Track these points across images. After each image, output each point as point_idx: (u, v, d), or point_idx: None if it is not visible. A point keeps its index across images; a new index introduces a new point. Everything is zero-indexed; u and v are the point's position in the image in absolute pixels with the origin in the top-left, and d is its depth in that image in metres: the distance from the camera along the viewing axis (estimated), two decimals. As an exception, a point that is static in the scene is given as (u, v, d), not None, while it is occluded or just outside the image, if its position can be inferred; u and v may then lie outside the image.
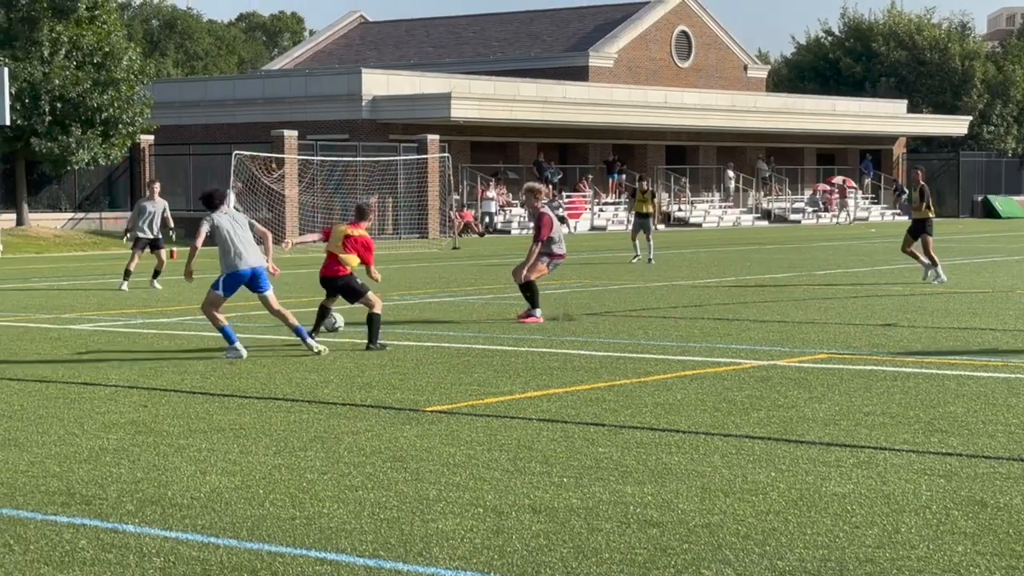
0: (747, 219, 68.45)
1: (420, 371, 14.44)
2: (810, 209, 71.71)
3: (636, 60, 70.49)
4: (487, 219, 57.09)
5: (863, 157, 76.77)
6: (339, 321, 18.37)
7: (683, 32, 73.05)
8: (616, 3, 73.94)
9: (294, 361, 15.35)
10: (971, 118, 79.24)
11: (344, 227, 17.28)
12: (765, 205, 70.59)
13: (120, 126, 47.33)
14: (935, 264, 26.64)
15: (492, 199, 57.63)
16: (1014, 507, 8.25)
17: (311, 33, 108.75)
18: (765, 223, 68.69)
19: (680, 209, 66.41)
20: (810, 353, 15.64)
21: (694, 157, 69.26)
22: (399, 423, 11.33)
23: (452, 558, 7.29)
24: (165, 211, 27.75)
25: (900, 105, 77.29)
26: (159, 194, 28.07)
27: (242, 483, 9.09)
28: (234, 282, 15.93)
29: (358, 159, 49.90)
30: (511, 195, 58.33)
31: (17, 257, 41.81)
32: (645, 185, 38.08)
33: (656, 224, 44.40)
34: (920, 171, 28.51)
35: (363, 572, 7.09)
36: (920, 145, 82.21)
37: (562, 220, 58.67)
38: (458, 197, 55.52)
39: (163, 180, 29.94)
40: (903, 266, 28.81)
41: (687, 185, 67.08)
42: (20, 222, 48.09)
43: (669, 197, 66.28)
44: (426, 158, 52.40)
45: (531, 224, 57.00)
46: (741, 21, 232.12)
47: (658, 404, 12.13)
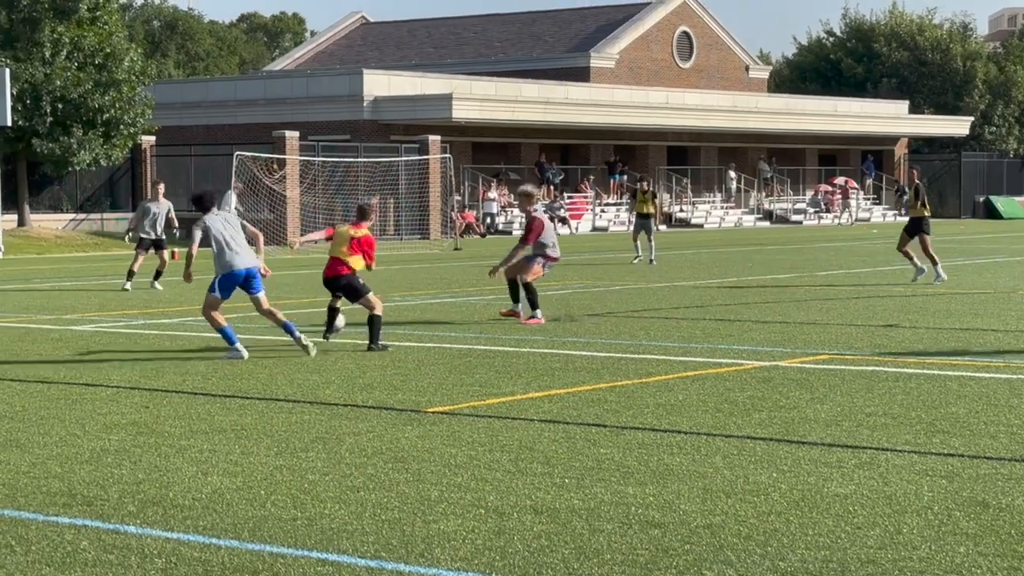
0: (749, 220, 68.44)
1: (422, 372, 14.44)
2: (812, 210, 71.69)
3: (637, 61, 70.48)
4: (488, 220, 57.11)
5: (865, 158, 76.78)
6: (340, 321, 18.37)
7: (684, 33, 73.05)
8: (617, 4, 73.95)
9: (295, 362, 15.35)
10: (973, 119, 79.22)
11: (348, 228, 17.28)
12: (767, 206, 70.59)
13: (121, 127, 47.33)
14: (935, 263, 26.64)
15: (494, 200, 57.64)
16: (1016, 508, 8.25)
17: (312, 34, 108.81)
18: (767, 224, 68.69)
19: (682, 210, 66.40)
20: (812, 354, 15.64)
21: (695, 158, 69.25)
22: (401, 424, 11.33)
23: (454, 559, 7.29)
24: (170, 212, 27.77)
25: (902, 106, 77.28)
26: (163, 195, 28.09)
27: (244, 484, 9.09)
28: (229, 283, 15.95)
29: (359, 160, 49.90)
30: (512, 196, 58.32)
31: (18, 258, 41.82)
32: (646, 185, 38.04)
33: (658, 225, 44.38)
34: (916, 170, 28.50)
35: (365, 573, 7.09)
36: (922, 146, 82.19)
37: (563, 221, 58.72)
38: (459, 198, 55.54)
39: (164, 181, 29.89)
40: (905, 267, 28.78)
41: (688, 186, 67.07)
42: (21, 223, 48.08)
43: (671, 198, 66.28)
44: (427, 159, 52.40)
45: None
46: (742, 22, 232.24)
47: (660, 405, 12.13)
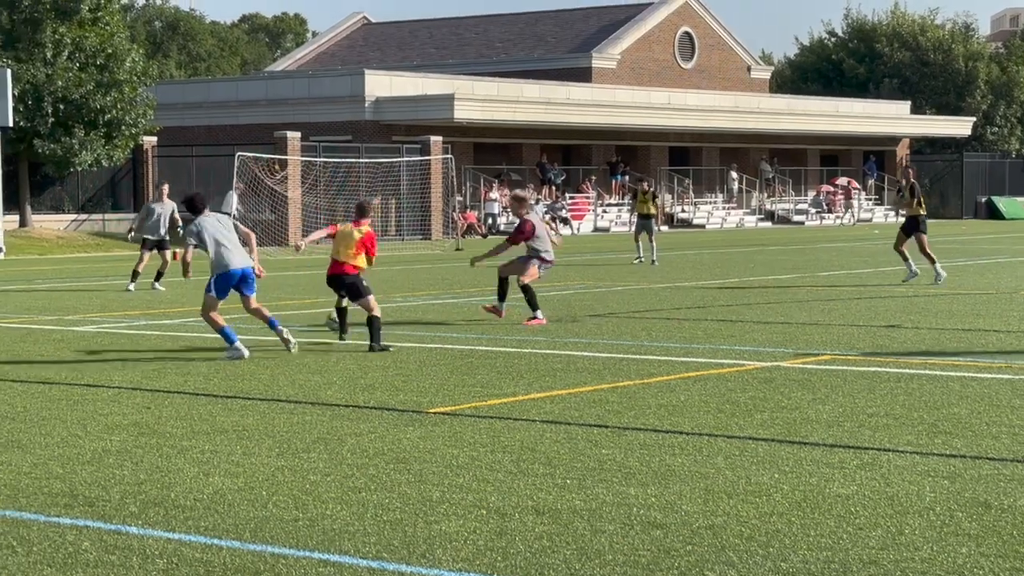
0: (750, 220, 68.44)
1: (423, 373, 14.43)
2: (813, 210, 71.68)
3: (639, 61, 70.47)
4: (490, 220, 57.09)
5: (867, 158, 76.77)
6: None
7: (686, 33, 73.04)
8: (619, 4, 73.96)
9: (297, 363, 15.35)
10: (975, 119, 79.21)
11: (350, 227, 17.30)
12: (768, 206, 70.59)
13: (123, 128, 47.33)
14: (933, 262, 26.60)
15: (495, 200, 57.62)
16: (1018, 509, 8.24)
17: (314, 34, 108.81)
18: (768, 224, 68.69)
19: (683, 210, 66.39)
20: (814, 354, 15.63)
21: (697, 158, 69.25)
22: (402, 425, 11.32)
23: (455, 560, 7.28)
24: (174, 212, 27.77)
25: (904, 106, 77.27)
26: (168, 196, 28.10)
27: (245, 485, 9.09)
28: (225, 283, 15.99)
29: (361, 160, 49.89)
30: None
31: (20, 259, 41.82)
32: (646, 186, 38.09)
33: (659, 225, 44.37)
34: (912, 169, 28.48)
35: (366, 574, 7.08)
36: (924, 146, 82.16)
37: (565, 221, 58.71)
38: (461, 198, 55.53)
39: (161, 182, 29.93)
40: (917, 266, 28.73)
41: (690, 186, 67.07)
42: (23, 224, 48.08)
43: (672, 198, 66.28)
44: (429, 159, 52.40)
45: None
46: (744, 22, 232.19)
47: (661, 406, 12.12)
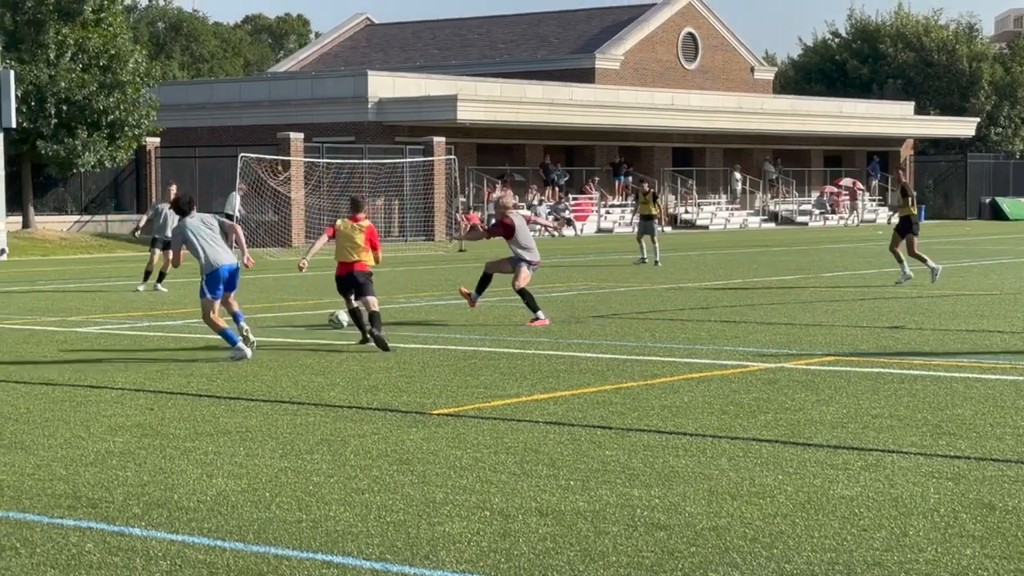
0: (754, 221, 68.41)
1: (426, 374, 14.42)
2: (817, 211, 71.64)
3: (643, 62, 70.46)
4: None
5: (870, 159, 76.71)
6: (344, 319, 18.37)
7: (690, 34, 73.02)
8: (622, 5, 73.99)
9: (300, 364, 15.35)
10: (979, 120, 79.15)
11: (349, 223, 17.30)
12: (772, 207, 70.56)
13: (126, 129, 47.34)
14: (924, 261, 26.51)
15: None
16: (1022, 510, 8.22)
17: (317, 35, 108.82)
18: (772, 225, 68.66)
19: (687, 211, 66.38)
20: (817, 355, 15.62)
21: (701, 159, 69.23)
22: (405, 426, 11.31)
23: (459, 561, 7.27)
24: None
25: (907, 107, 77.23)
26: (174, 197, 28.14)
27: (248, 486, 9.08)
28: (216, 281, 16.05)
29: (364, 161, 49.89)
30: (517, 197, 58.31)
31: (23, 260, 41.83)
32: (647, 187, 38.13)
33: (662, 226, 44.36)
34: (900, 170, 28.58)
35: (369, 575, 7.07)
36: (927, 147, 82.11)
37: (568, 222, 58.71)
38: (464, 199, 55.51)
39: (169, 183, 29.93)
40: (916, 269, 28.71)
41: (694, 187, 67.05)
42: (26, 225, 48.09)
43: (676, 199, 66.27)
44: (432, 160, 52.40)
45: (538, 227, 56.96)
46: (748, 23, 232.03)
47: (665, 407, 12.11)
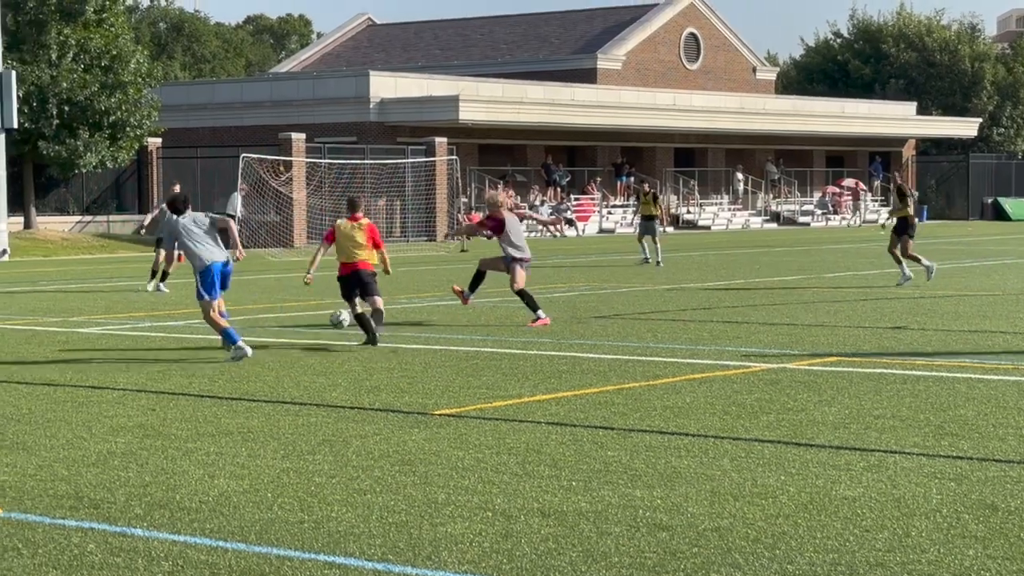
0: (756, 221, 68.39)
1: (428, 374, 14.42)
2: (819, 211, 71.62)
3: (644, 62, 70.45)
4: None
5: (872, 159, 76.68)
6: (345, 318, 18.37)
7: (692, 34, 73.01)
8: (624, 5, 73.92)
9: (302, 365, 15.34)
10: (981, 120, 79.11)
11: (348, 224, 17.30)
12: (774, 207, 70.54)
13: (128, 129, 47.35)
14: (918, 260, 26.42)
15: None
16: (1025, 511, 8.22)
17: (319, 36, 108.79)
18: (774, 225, 68.63)
19: (689, 212, 66.36)
20: (820, 356, 15.61)
21: (703, 159, 69.21)
22: (407, 427, 11.31)
23: (461, 562, 7.27)
24: None
25: (909, 107, 77.19)
26: None
27: (250, 487, 9.08)
28: (210, 279, 16.10)
29: (366, 162, 49.89)
30: (519, 198, 58.30)
31: (25, 260, 41.84)
32: (647, 187, 38.16)
33: (664, 226, 44.32)
34: (896, 172, 28.61)
35: (371, 576, 7.07)
36: (930, 147, 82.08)
37: (570, 223, 58.70)
38: (466, 200, 55.50)
39: (172, 182, 29.96)
40: (913, 269, 28.72)
41: (696, 188, 67.03)
42: (28, 225, 48.10)
43: (678, 200, 66.24)
44: (434, 161, 52.40)
45: (539, 228, 56.49)
46: (750, 23, 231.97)
47: (667, 407, 12.10)
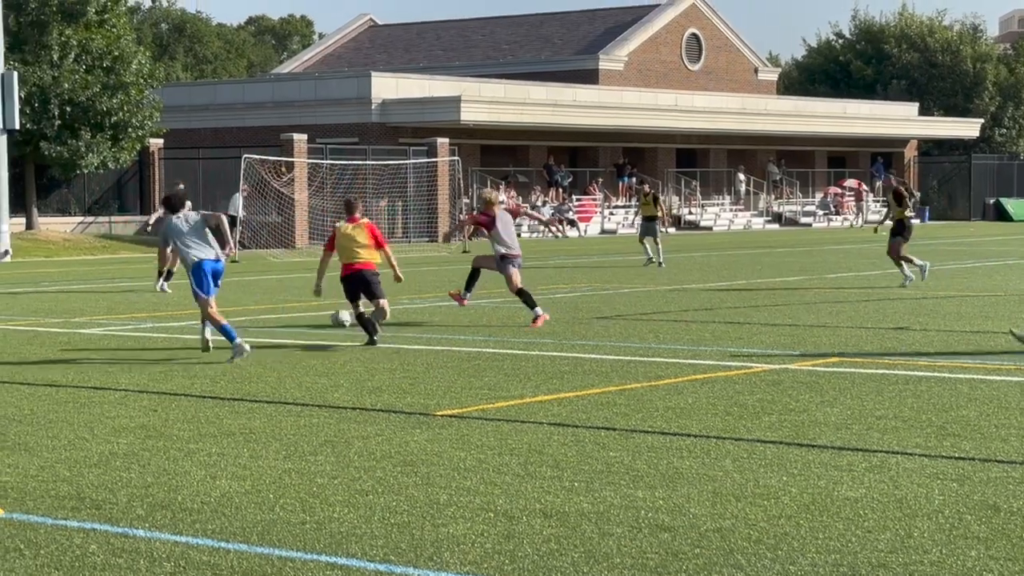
0: (758, 222, 68.37)
1: (430, 375, 14.42)
2: (821, 212, 71.61)
3: (646, 63, 70.44)
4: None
5: (874, 160, 76.65)
6: (346, 318, 18.37)
7: (693, 35, 73.00)
8: (626, 6, 73.91)
9: (304, 365, 15.34)
10: (983, 121, 79.08)
11: (347, 226, 17.30)
12: (776, 208, 70.52)
13: (129, 130, 47.35)
14: (910, 261, 26.32)
15: (502, 202, 57.52)
16: (1028, 511, 8.21)
17: (320, 36, 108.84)
18: (776, 226, 68.61)
19: (691, 212, 66.35)
20: (821, 357, 15.60)
21: (704, 160, 69.20)
22: (409, 427, 11.31)
23: (463, 563, 7.26)
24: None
25: (911, 108, 77.16)
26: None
27: (252, 487, 9.07)
28: (202, 275, 16.12)
29: (367, 163, 49.89)
30: (521, 198, 58.31)
31: (27, 261, 41.84)
32: (647, 188, 38.15)
33: (666, 227, 44.31)
34: (892, 176, 28.60)
35: (373, 577, 7.07)
36: (932, 148, 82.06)
37: (572, 224, 58.69)
38: (468, 200, 55.51)
39: (176, 183, 29.99)
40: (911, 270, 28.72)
41: (698, 188, 67.02)
42: (30, 226, 48.10)
43: (680, 200, 66.23)
44: (436, 161, 52.39)
45: (540, 228, 56.43)
46: (751, 24, 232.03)
47: (669, 408, 12.10)
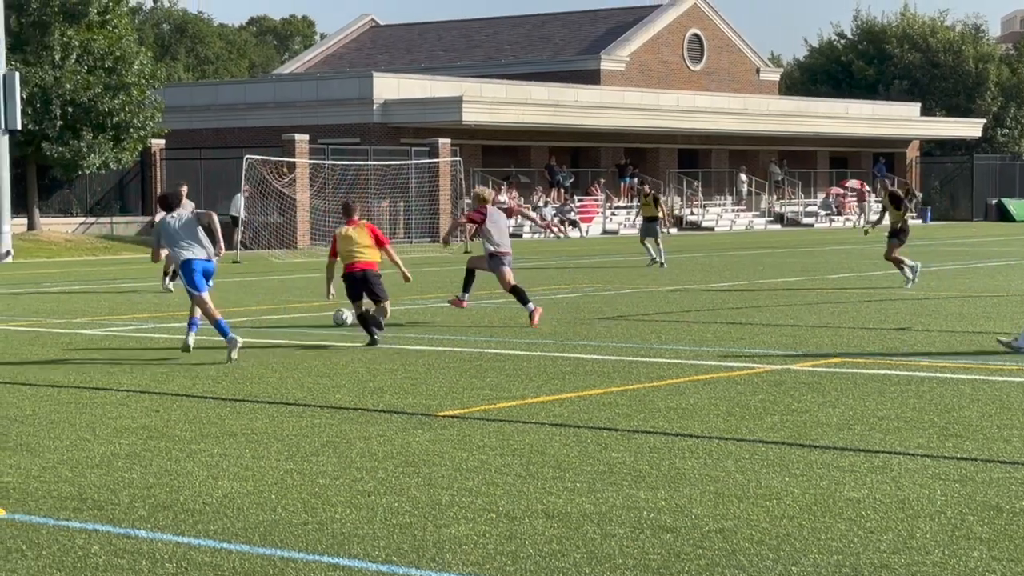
0: (760, 223, 68.37)
1: (432, 376, 14.41)
2: (823, 212, 71.60)
3: (648, 63, 70.44)
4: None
5: (876, 160, 76.63)
6: (347, 317, 18.37)
7: (695, 35, 72.99)
8: (628, 6, 73.91)
9: (306, 366, 15.34)
10: (985, 121, 79.09)
11: (346, 228, 17.31)
12: (778, 208, 70.52)
13: (131, 130, 47.36)
14: (902, 262, 26.17)
15: (504, 203, 57.56)
16: (1030, 512, 8.20)
17: (322, 37, 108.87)
18: (778, 227, 68.61)
19: (692, 213, 66.34)
20: (823, 357, 15.60)
21: (706, 160, 69.20)
22: (411, 428, 11.30)
23: (465, 563, 7.26)
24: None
25: (913, 108, 77.16)
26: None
27: (254, 488, 9.07)
28: (192, 271, 16.16)
29: (369, 163, 49.90)
30: (522, 199, 58.32)
31: (28, 262, 41.85)
32: (647, 188, 38.17)
33: (667, 227, 44.29)
34: (888, 179, 28.58)
35: (375, 578, 7.07)
36: (934, 148, 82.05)
37: (574, 224, 58.69)
38: (470, 201, 55.50)
39: (179, 183, 29.97)
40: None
41: (699, 189, 67.02)
42: (31, 227, 48.12)
43: (681, 201, 66.23)
44: (437, 162, 52.39)
45: (541, 229, 56.28)
46: (753, 24, 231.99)
47: (671, 409, 12.09)
